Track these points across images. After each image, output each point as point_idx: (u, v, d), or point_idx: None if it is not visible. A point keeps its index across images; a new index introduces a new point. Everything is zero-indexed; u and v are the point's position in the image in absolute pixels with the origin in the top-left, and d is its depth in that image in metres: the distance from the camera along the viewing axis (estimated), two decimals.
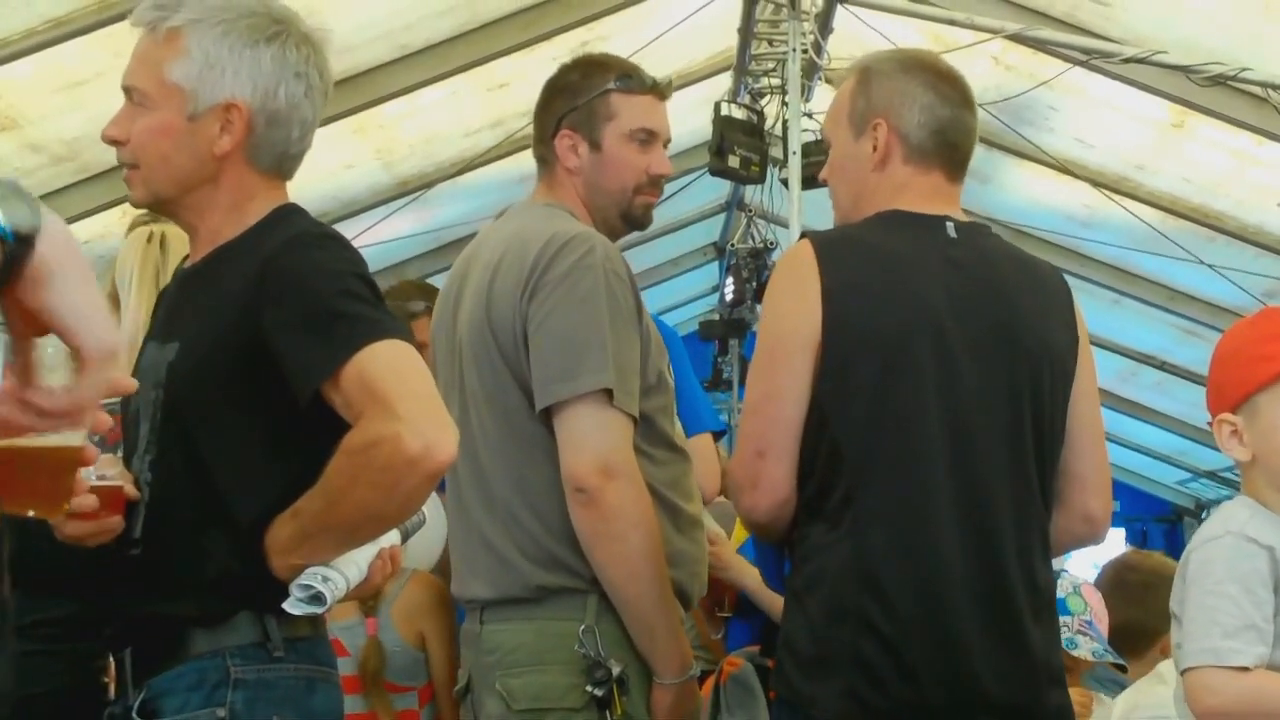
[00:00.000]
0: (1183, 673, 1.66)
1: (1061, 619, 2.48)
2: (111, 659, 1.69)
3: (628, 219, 2.30)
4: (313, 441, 1.58)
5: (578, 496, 2.04)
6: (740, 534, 4.08)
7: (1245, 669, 1.61)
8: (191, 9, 1.66)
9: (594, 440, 2.04)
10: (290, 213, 1.72)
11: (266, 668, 1.61)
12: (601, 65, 2.32)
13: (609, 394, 2.05)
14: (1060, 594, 2.57)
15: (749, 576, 2.76)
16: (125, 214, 4.25)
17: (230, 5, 1.68)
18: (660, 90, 2.30)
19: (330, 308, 1.57)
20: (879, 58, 2.13)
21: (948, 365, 1.93)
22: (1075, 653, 2.57)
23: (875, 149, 2.04)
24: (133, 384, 1.22)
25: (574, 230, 2.16)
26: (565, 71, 2.33)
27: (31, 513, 1.27)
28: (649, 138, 2.27)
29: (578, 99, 2.25)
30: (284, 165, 1.73)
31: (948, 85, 2.05)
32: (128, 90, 1.69)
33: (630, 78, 2.27)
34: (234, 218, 1.70)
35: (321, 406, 1.58)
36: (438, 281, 2.64)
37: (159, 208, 1.75)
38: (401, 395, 1.51)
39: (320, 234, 1.68)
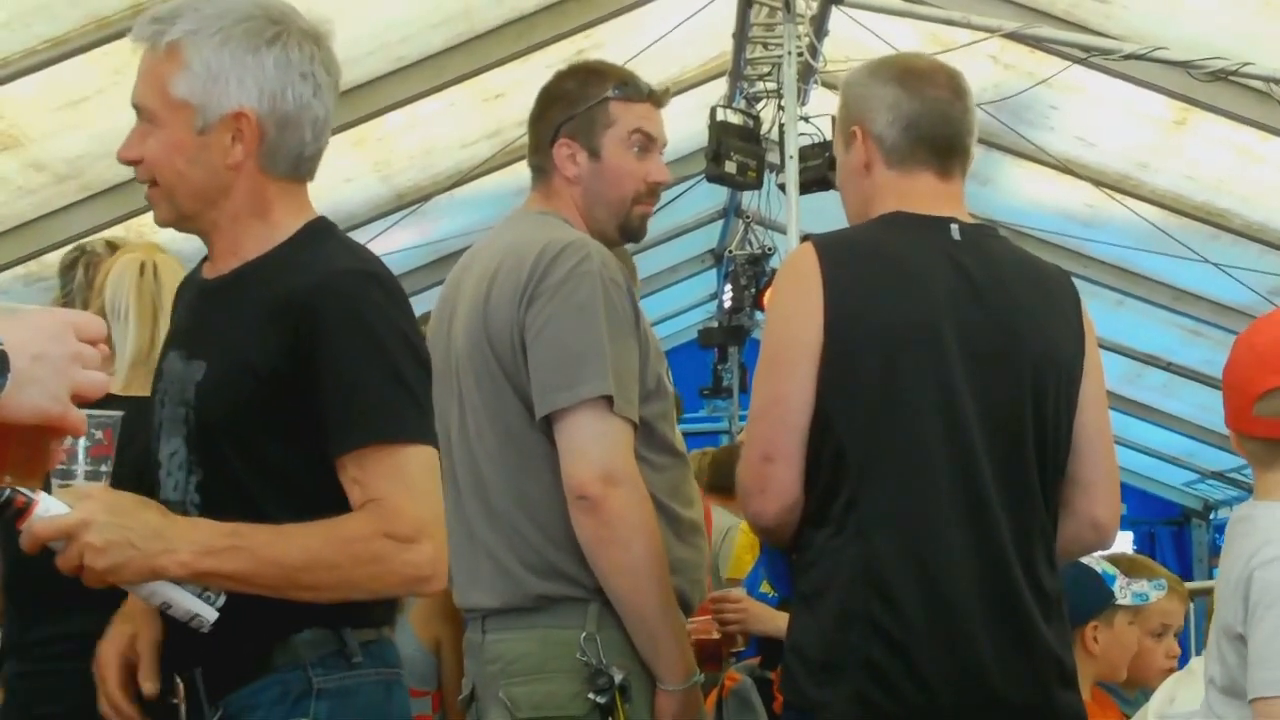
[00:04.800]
0: (1252, 701, 1.60)
1: None
2: (179, 680, 1.66)
3: (624, 229, 2.29)
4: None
5: (580, 504, 2.03)
6: (743, 539, 4.06)
7: None
8: (188, 20, 1.64)
9: (595, 448, 2.03)
10: (320, 232, 1.70)
11: (347, 675, 1.62)
12: (599, 73, 2.31)
13: (609, 401, 2.04)
14: None
15: (785, 619, 2.71)
16: (128, 231, 4.25)
17: (226, 12, 1.64)
18: (657, 98, 2.29)
19: (381, 385, 1.59)
20: (858, 68, 2.14)
21: (950, 368, 1.92)
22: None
23: (857, 157, 2.04)
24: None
25: (569, 237, 2.15)
26: (561, 79, 2.31)
27: (9, 479, 1.26)
28: (647, 143, 2.26)
29: (575, 107, 2.24)
30: (301, 167, 1.70)
31: (916, 78, 2.03)
32: (137, 108, 1.68)
33: (628, 85, 2.26)
34: (255, 226, 1.68)
35: None
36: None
37: (181, 224, 1.73)
38: (437, 518, 1.60)
39: (363, 273, 1.64)
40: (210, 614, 1.52)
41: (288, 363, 1.58)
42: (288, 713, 1.59)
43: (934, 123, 2.01)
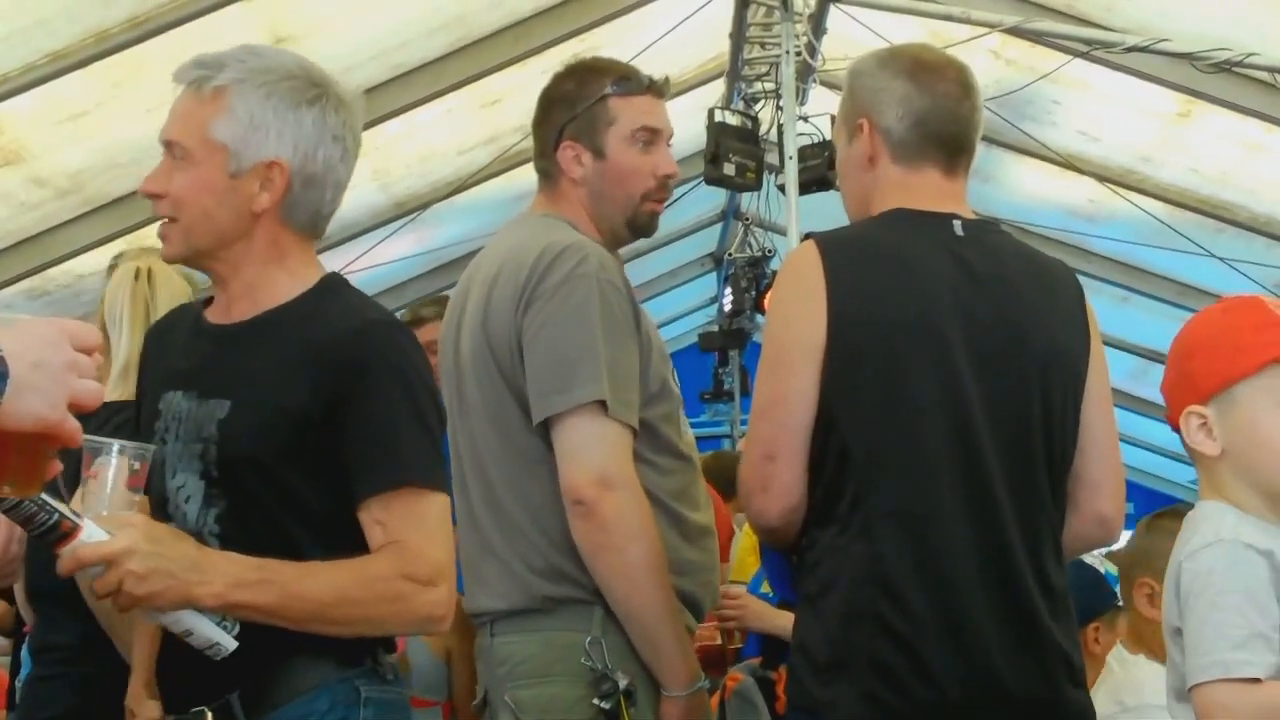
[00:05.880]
0: (1190, 689, 1.58)
1: None
2: (207, 711, 1.70)
3: (634, 226, 2.27)
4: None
5: (576, 509, 2.03)
6: (746, 541, 4.04)
7: (1257, 680, 1.53)
8: (235, 70, 1.71)
9: (590, 452, 2.03)
10: (339, 284, 1.79)
11: (385, 689, 1.72)
12: (596, 70, 2.29)
13: (604, 405, 2.03)
14: None
15: (783, 618, 2.70)
16: (130, 246, 4.24)
17: (272, 67, 1.72)
18: (658, 89, 2.28)
19: (410, 432, 1.67)
20: (865, 56, 2.11)
21: (954, 365, 1.90)
22: None
23: (862, 150, 2.02)
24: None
25: (568, 240, 2.13)
26: (560, 81, 2.30)
27: (8, 488, 1.27)
28: (652, 137, 2.24)
29: (576, 108, 2.22)
30: (318, 225, 1.78)
31: (927, 73, 2.01)
32: (168, 145, 1.73)
33: (628, 80, 2.25)
34: (270, 272, 1.75)
35: None
36: None
37: (192, 261, 1.81)
38: (451, 562, 1.70)
39: (391, 324, 1.75)
40: (229, 643, 1.57)
41: (321, 404, 1.65)
42: (341, 715, 1.67)
43: (943, 120, 1.99)
